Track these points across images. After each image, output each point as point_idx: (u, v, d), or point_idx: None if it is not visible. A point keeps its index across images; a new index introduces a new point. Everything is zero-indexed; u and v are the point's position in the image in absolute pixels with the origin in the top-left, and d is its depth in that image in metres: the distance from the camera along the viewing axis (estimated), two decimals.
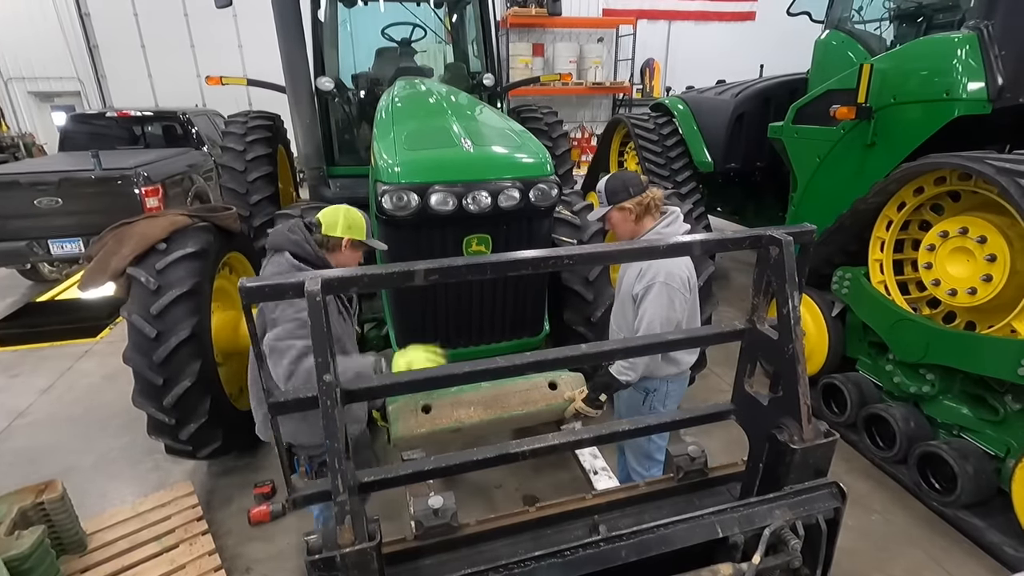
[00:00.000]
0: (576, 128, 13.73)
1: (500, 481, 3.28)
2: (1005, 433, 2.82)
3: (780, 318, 1.31)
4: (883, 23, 4.55)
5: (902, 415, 3.16)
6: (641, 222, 2.34)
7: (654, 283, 2.20)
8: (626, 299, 2.39)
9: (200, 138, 8.22)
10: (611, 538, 1.17)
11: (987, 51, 3.14)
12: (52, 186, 5.51)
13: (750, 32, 14.04)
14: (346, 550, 1.06)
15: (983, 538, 2.74)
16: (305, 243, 2.07)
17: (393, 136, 2.66)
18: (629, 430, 1.54)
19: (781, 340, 1.33)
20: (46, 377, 4.62)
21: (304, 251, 2.07)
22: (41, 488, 2.49)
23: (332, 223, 2.08)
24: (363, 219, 2.12)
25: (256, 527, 2.97)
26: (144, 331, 2.73)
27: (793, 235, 1.29)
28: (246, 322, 1.14)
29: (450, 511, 1.27)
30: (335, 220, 2.08)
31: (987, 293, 2.72)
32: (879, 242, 3.38)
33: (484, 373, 1.36)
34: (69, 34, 12.03)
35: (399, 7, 5.21)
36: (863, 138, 3.77)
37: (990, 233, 2.71)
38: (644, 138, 5.97)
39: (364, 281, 1.13)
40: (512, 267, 1.22)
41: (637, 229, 2.35)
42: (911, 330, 3.07)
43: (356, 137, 4.87)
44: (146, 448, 3.51)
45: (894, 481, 3.22)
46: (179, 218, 3.08)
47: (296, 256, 2.06)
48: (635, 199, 2.29)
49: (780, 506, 1.28)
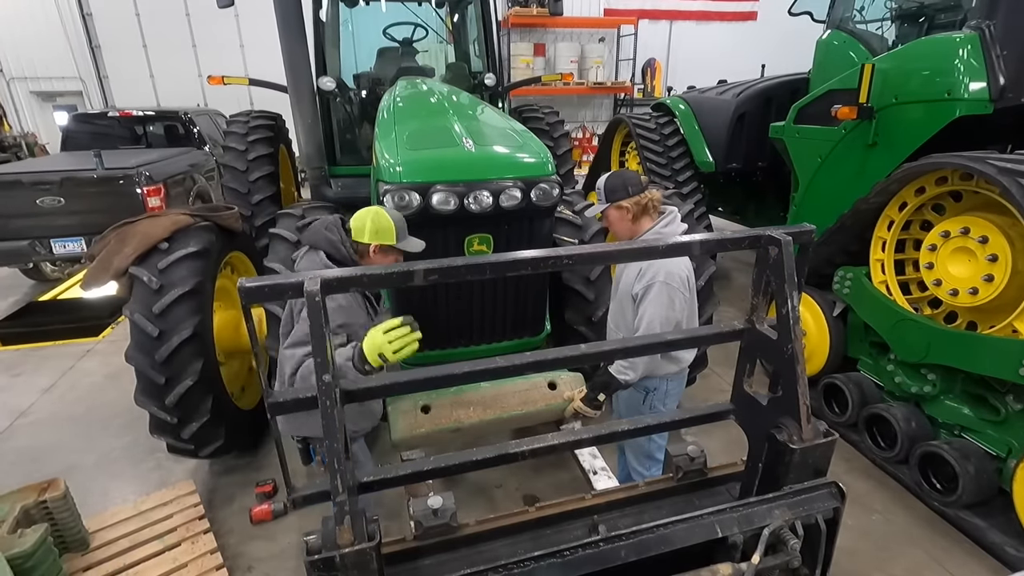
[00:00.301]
0: (577, 128, 13.74)
1: (500, 481, 3.28)
2: (1006, 433, 2.81)
3: (779, 318, 1.32)
4: (884, 23, 4.55)
5: (903, 415, 3.15)
6: (639, 222, 2.34)
7: (654, 282, 2.20)
8: (625, 299, 2.38)
9: (202, 138, 8.23)
10: (610, 538, 1.17)
11: (989, 51, 3.14)
12: (54, 185, 5.52)
13: (751, 32, 14.03)
14: (345, 550, 1.06)
15: (984, 538, 2.74)
16: (340, 244, 2.06)
17: (395, 136, 2.66)
18: (629, 430, 1.54)
19: (780, 340, 1.33)
20: (48, 376, 4.64)
21: (339, 252, 2.06)
22: (44, 487, 2.49)
23: (360, 228, 2.05)
24: (392, 222, 2.06)
25: (258, 526, 2.98)
26: (146, 330, 2.74)
27: (792, 235, 1.30)
28: (245, 322, 1.14)
29: (449, 511, 1.27)
30: (362, 225, 2.04)
31: (989, 293, 2.71)
32: (880, 242, 3.38)
33: (484, 373, 1.37)
34: (71, 34, 12.05)
35: (401, 7, 5.22)
36: (864, 138, 3.76)
37: (992, 233, 2.70)
38: (645, 138, 5.97)
39: (364, 281, 1.14)
40: (512, 267, 1.23)
41: (635, 229, 2.35)
42: (912, 330, 3.07)
43: (358, 137, 4.87)
44: (148, 447, 3.52)
45: (895, 481, 3.22)
46: (181, 218, 3.08)
47: (330, 257, 2.05)
48: (633, 199, 2.29)
49: (779, 506, 1.28)
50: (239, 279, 1.09)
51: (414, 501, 1.29)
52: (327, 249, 2.06)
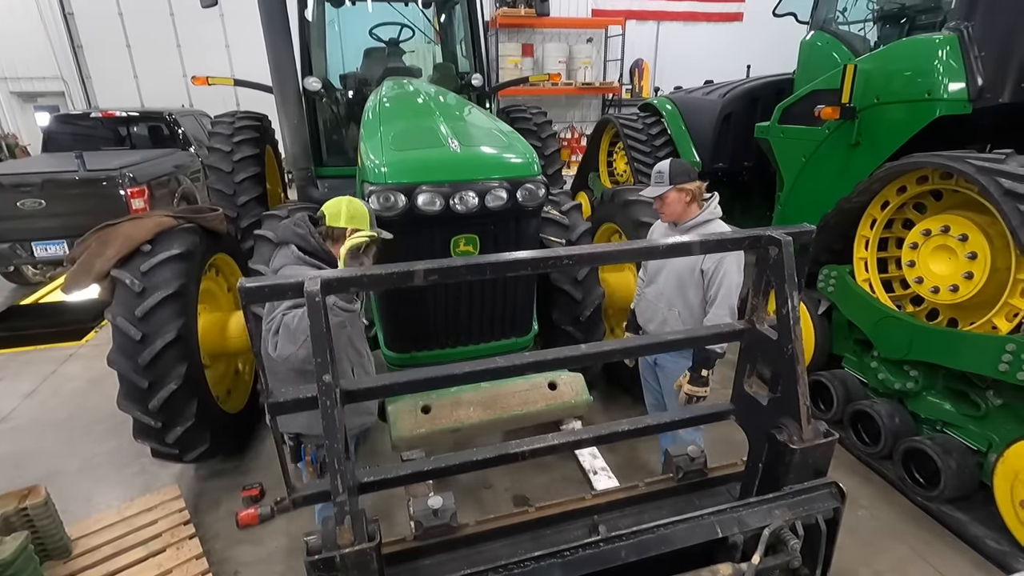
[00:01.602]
0: (566, 128, 13.76)
1: (491, 482, 3.27)
2: (987, 428, 2.86)
3: (779, 318, 1.32)
4: (867, 24, 4.61)
5: (887, 411, 3.19)
6: (690, 207, 2.56)
7: (719, 262, 2.45)
8: (685, 277, 2.56)
9: (187, 139, 8.14)
10: (611, 538, 1.18)
11: (967, 52, 3.19)
12: (35, 187, 5.44)
13: (738, 33, 14.15)
14: (346, 550, 1.06)
15: (966, 532, 2.78)
16: (310, 236, 2.13)
17: (380, 136, 2.65)
18: (629, 430, 1.54)
19: (780, 340, 1.34)
20: (30, 381, 4.56)
21: (309, 244, 2.12)
22: (24, 493, 2.45)
23: (335, 214, 2.13)
24: (366, 209, 2.16)
25: (244, 530, 2.92)
26: (129, 334, 2.70)
27: (792, 235, 1.30)
28: (246, 322, 1.15)
29: (449, 511, 1.28)
30: (338, 211, 2.13)
31: (968, 290, 2.76)
32: (863, 240, 3.42)
33: (484, 373, 1.37)
34: (53, 33, 11.88)
35: (387, 7, 5.20)
36: (847, 138, 3.81)
37: (971, 231, 2.75)
38: (633, 138, 6.00)
39: (364, 281, 1.14)
40: (512, 267, 1.23)
41: (688, 212, 2.56)
42: (895, 327, 3.11)
43: (344, 137, 4.85)
44: (132, 452, 3.47)
45: (879, 477, 3.26)
46: (164, 219, 3.05)
47: (301, 249, 2.11)
48: (696, 183, 2.53)
49: (779, 506, 1.28)
50: (239, 280, 1.09)
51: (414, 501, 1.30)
52: (297, 242, 2.12)
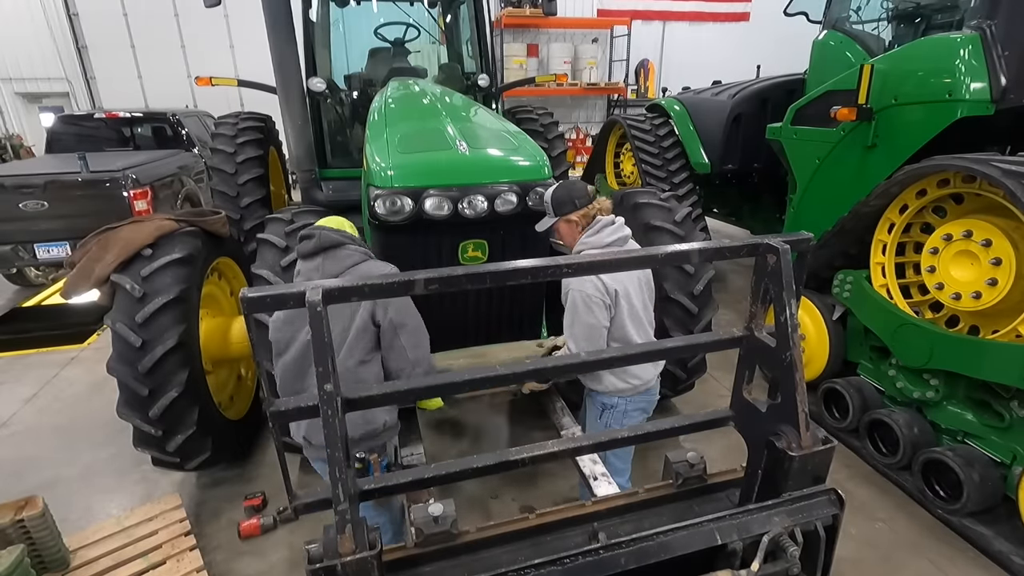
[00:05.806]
0: (571, 129, 13.70)
1: (498, 492, 3.20)
2: (1011, 439, 2.77)
3: (778, 326, 1.33)
4: (881, 23, 4.52)
5: (905, 421, 3.11)
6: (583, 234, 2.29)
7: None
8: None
9: (191, 140, 8.11)
10: (610, 545, 1.18)
11: (990, 51, 3.10)
12: (38, 189, 5.41)
13: (745, 33, 14.07)
14: (347, 559, 1.07)
15: (990, 547, 2.69)
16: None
17: (386, 138, 2.59)
18: (628, 437, 1.54)
19: (779, 347, 1.35)
20: (31, 386, 4.51)
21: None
22: (21, 504, 2.40)
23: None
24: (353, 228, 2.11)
25: (246, 541, 2.89)
26: (129, 340, 2.65)
27: (790, 243, 1.31)
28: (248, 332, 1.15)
29: (450, 518, 1.28)
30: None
31: (992, 297, 2.67)
32: (881, 245, 3.33)
33: (484, 381, 1.37)
34: (57, 34, 11.89)
35: (392, 7, 5.15)
36: (864, 139, 3.72)
37: (995, 236, 2.66)
38: (640, 139, 5.92)
39: (365, 291, 1.14)
40: (511, 276, 1.22)
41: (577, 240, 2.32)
42: (915, 335, 3.02)
43: (349, 139, 4.79)
44: (133, 459, 3.41)
45: (897, 488, 3.17)
46: (165, 223, 2.99)
47: None
48: (580, 211, 2.24)
49: (779, 513, 1.29)
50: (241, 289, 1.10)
51: (414, 508, 1.31)
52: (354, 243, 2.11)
